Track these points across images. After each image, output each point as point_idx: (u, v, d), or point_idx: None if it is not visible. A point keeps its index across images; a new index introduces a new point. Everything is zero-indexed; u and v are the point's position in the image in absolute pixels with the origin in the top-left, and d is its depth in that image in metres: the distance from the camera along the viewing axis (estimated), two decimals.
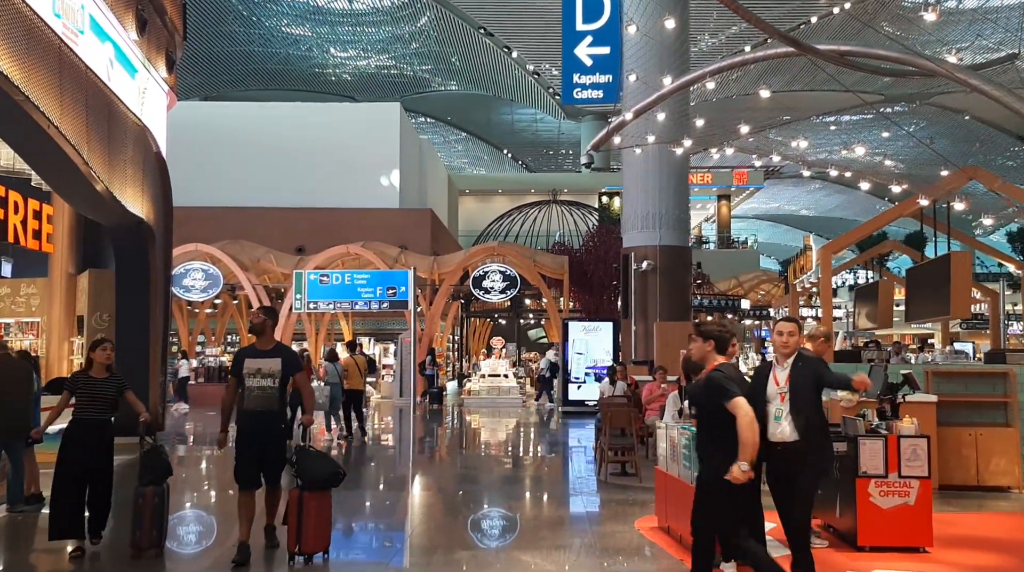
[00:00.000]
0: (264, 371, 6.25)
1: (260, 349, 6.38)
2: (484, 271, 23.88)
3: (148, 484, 6.36)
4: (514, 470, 11.68)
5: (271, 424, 6.30)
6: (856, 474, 6.57)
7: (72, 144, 9.70)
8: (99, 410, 6.64)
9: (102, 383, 6.70)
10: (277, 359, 6.32)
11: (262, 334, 6.42)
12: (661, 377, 11.84)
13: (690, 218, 24.37)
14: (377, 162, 36.46)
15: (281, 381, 6.29)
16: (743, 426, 4.78)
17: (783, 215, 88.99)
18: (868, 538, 6.53)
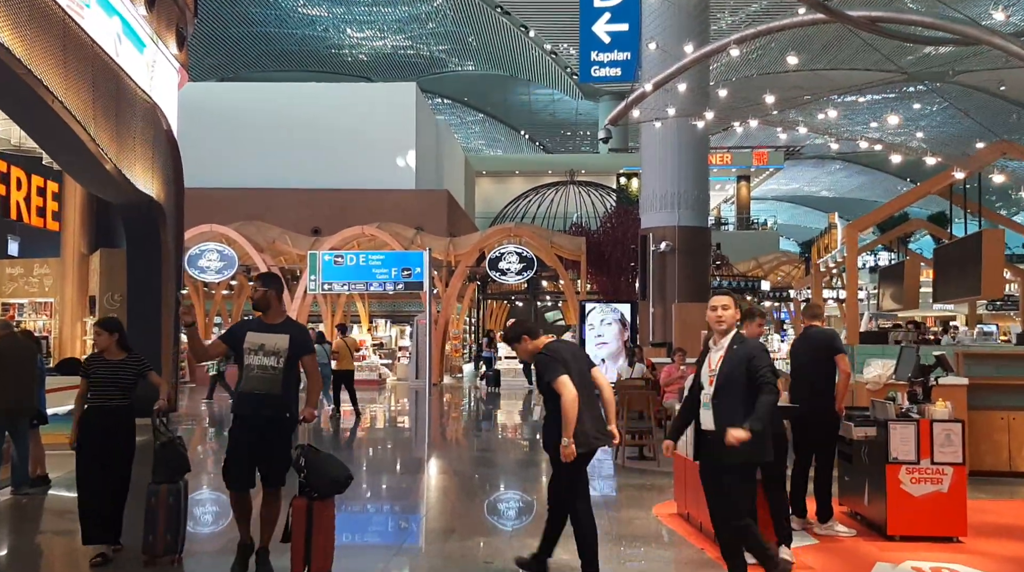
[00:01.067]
0: (268, 348, 5.30)
1: (267, 323, 5.44)
2: (500, 252, 23.62)
3: (162, 482, 5.59)
4: (529, 453, 11.45)
5: (272, 412, 5.31)
6: (886, 460, 6.28)
7: (78, 120, 9.49)
8: (115, 395, 5.88)
9: (118, 365, 5.95)
10: (284, 336, 5.36)
11: (268, 308, 5.44)
12: (680, 359, 11.56)
13: (709, 198, 23.98)
14: (393, 143, 36.20)
15: (288, 362, 5.33)
16: (564, 405, 5.03)
17: (803, 196, 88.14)
18: (898, 527, 6.25)
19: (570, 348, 5.51)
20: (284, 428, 5.39)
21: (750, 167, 50.78)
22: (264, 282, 5.54)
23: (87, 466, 5.80)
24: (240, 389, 5.37)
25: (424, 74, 57.59)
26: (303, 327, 5.66)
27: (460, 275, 24.42)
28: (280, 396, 5.32)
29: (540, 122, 68.14)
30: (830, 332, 7.02)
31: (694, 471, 6.35)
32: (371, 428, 14.70)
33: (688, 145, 21.96)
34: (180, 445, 5.79)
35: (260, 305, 5.47)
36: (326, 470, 5.18)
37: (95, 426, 5.83)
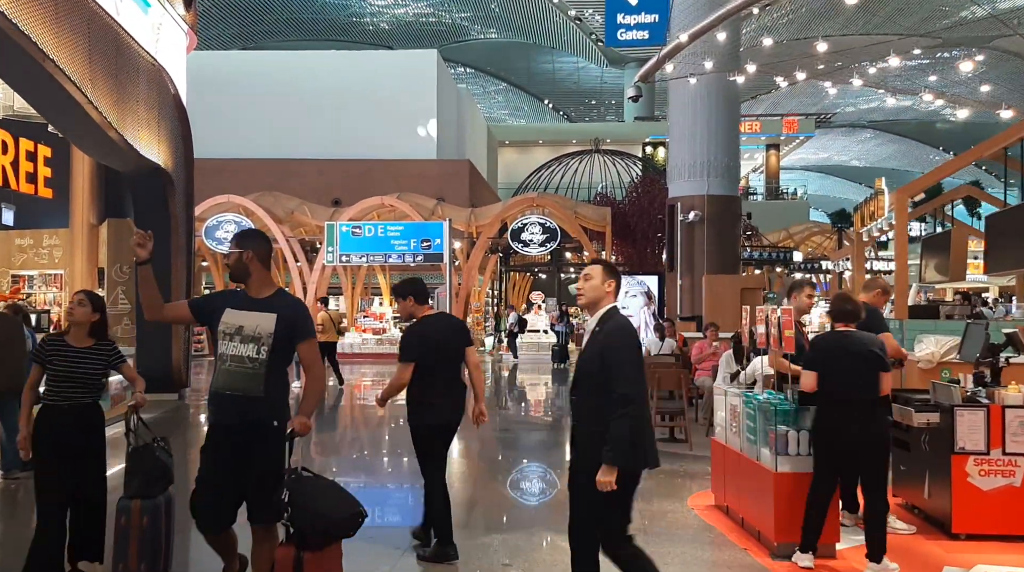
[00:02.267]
0: (248, 332, 3.93)
1: (251, 297, 4.06)
2: (523, 223, 22.96)
3: (135, 496, 4.43)
4: (551, 433, 10.88)
5: (253, 421, 3.94)
6: (951, 450, 5.62)
7: (73, 81, 8.93)
8: (78, 392, 4.60)
9: (84, 355, 4.63)
10: (270, 316, 3.95)
11: (246, 276, 4.05)
12: (712, 334, 10.91)
13: (740, 166, 23.15)
14: (414, 112, 35.51)
15: (275, 351, 3.95)
16: (392, 381, 5.16)
17: (832, 166, 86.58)
18: (965, 524, 5.60)
19: (443, 326, 5.30)
20: (271, 442, 3.95)
21: (780, 135, 49.56)
22: (240, 242, 4.09)
23: (46, 485, 4.51)
24: (212, 389, 4.04)
25: (446, 42, 56.66)
26: (298, 303, 4.21)
27: (481, 246, 23.81)
28: (263, 398, 3.94)
29: (564, 91, 66.99)
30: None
31: (736, 461, 5.75)
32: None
33: (718, 111, 21.26)
34: (161, 450, 4.63)
35: (236, 273, 4.08)
36: (321, 507, 3.80)
37: (53, 431, 4.55)
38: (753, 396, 5.64)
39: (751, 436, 5.59)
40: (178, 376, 13.24)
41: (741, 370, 9.35)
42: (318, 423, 12.00)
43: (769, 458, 5.26)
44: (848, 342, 5.11)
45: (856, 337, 5.12)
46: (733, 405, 6.00)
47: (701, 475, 7.52)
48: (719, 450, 6.26)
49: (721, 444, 6.21)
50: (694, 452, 8.57)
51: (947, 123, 76.54)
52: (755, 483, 5.45)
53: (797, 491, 5.10)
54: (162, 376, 13.03)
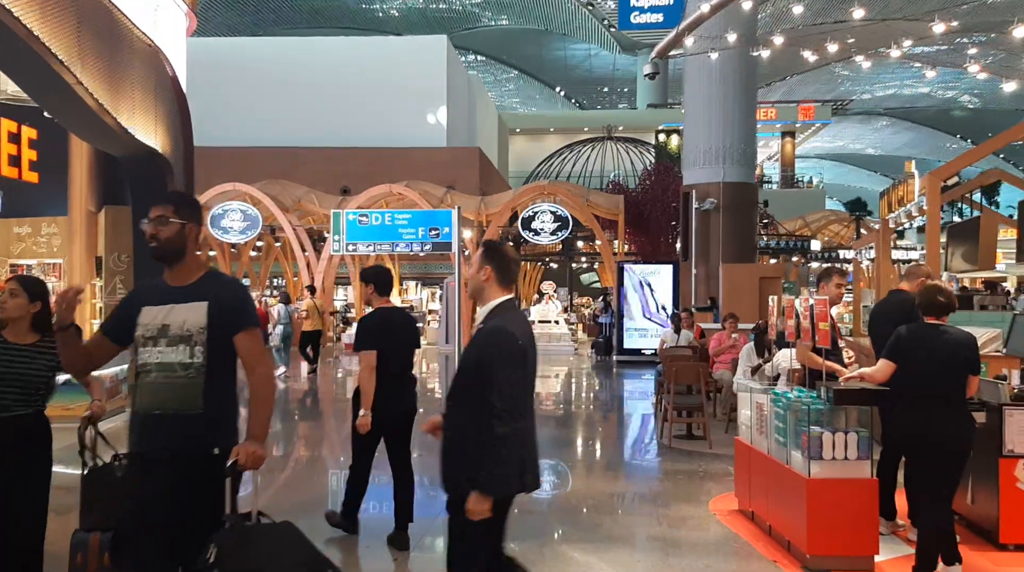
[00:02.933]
0: (175, 330, 3.06)
1: (172, 286, 3.17)
2: (534, 211, 22.46)
3: (93, 529, 3.73)
4: (563, 430, 10.43)
5: (189, 449, 3.01)
6: (999, 453, 5.14)
7: (60, 59, 8.49)
8: (16, 398, 3.79)
9: (27, 354, 3.84)
10: (200, 305, 3.08)
11: (171, 254, 3.14)
12: (732, 325, 10.42)
13: (756, 153, 22.61)
14: (423, 98, 35.02)
15: (213, 351, 3.07)
16: (361, 378, 5.03)
17: (847, 154, 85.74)
18: (1013, 534, 5.12)
19: (398, 320, 5.26)
20: (211, 476, 2.99)
21: (795, 122, 48.77)
22: (179, 209, 3.15)
23: None
24: (133, 411, 3.11)
25: (456, 29, 56.12)
26: (233, 284, 3.30)
27: (491, 235, 23.33)
28: (202, 415, 3.01)
29: (576, 78, 66.34)
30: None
31: (763, 464, 5.29)
32: None
33: (734, 95, 20.83)
34: (123, 469, 3.79)
35: (167, 251, 3.12)
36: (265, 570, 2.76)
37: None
38: (782, 394, 5.17)
39: (780, 437, 5.12)
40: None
41: (763, 363, 8.89)
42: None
43: (801, 462, 4.80)
44: (938, 337, 4.62)
45: (950, 334, 4.63)
46: (759, 403, 5.54)
47: (722, 475, 7.07)
48: (743, 451, 5.80)
49: (746, 445, 5.75)
50: (713, 450, 8.11)
51: (964, 111, 75.51)
52: (785, 489, 4.99)
53: (833, 499, 4.64)
54: None
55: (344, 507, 5.32)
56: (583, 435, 10.17)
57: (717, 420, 9.48)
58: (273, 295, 33.41)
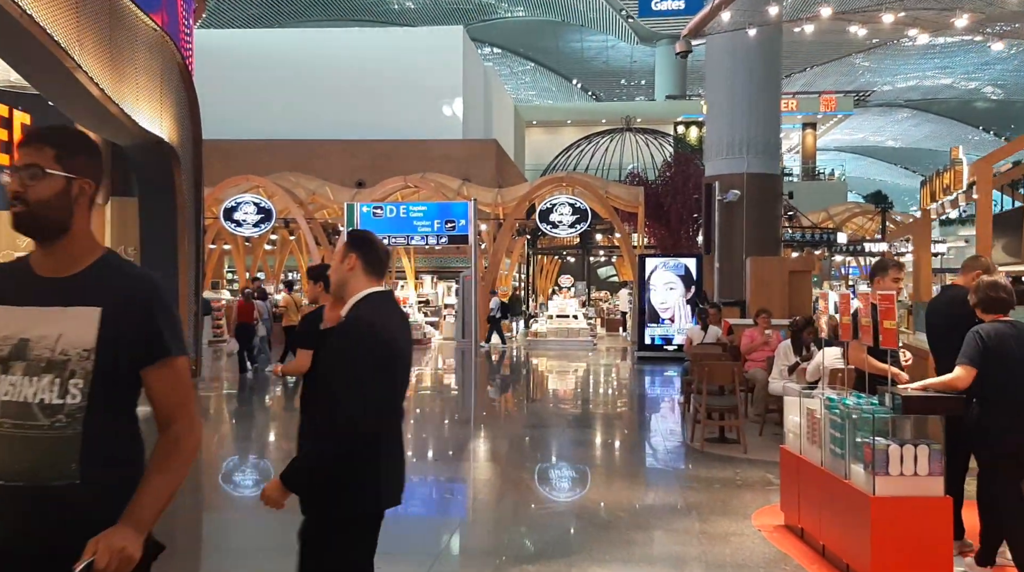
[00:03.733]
0: (38, 352, 1.86)
1: (43, 275, 1.94)
2: (552, 203, 21.94)
3: None
4: (583, 432, 9.93)
5: (56, 546, 1.81)
6: None
7: (56, 41, 8.06)
8: None
9: None
10: (89, 311, 1.87)
11: (52, 233, 1.92)
12: (764, 322, 9.87)
13: (780, 143, 22.00)
14: (439, 90, 34.54)
15: (98, 390, 1.86)
16: (294, 364, 4.93)
17: (867, 147, 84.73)
18: None
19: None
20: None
21: (817, 114, 47.95)
22: (62, 151, 1.90)
23: None
24: None
25: (472, 21, 55.61)
26: (144, 280, 1.96)
27: (508, 228, 22.87)
28: (77, 489, 1.84)
29: (593, 70, 65.66)
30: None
31: (815, 475, 4.78)
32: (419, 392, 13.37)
33: (758, 85, 20.28)
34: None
35: (28, 218, 1.90)
36: None
37: None
38: (841, 400, 4.65)
39: (837, 449, 4.60)
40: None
41: (801, 362, 8.36)
42: None
43: (864, 478, 4.28)
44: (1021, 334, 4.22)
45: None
46: (811, 409, 5.01)
47: (760, 485, 6.56)
48: (791, 462, 5.28)
49: (794, 455, 5.23)
50: (749, 455, 7.58)
51: (987, 102, 74.31)
52: (844, 506, 4.47)
53: (901, 519, 4.12)
54: None
55: None
56: (605, 437, 9.67)
57: (749, 421, 8.95)
58: (278, 289, 33.18)
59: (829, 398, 4.78)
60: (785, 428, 5.56)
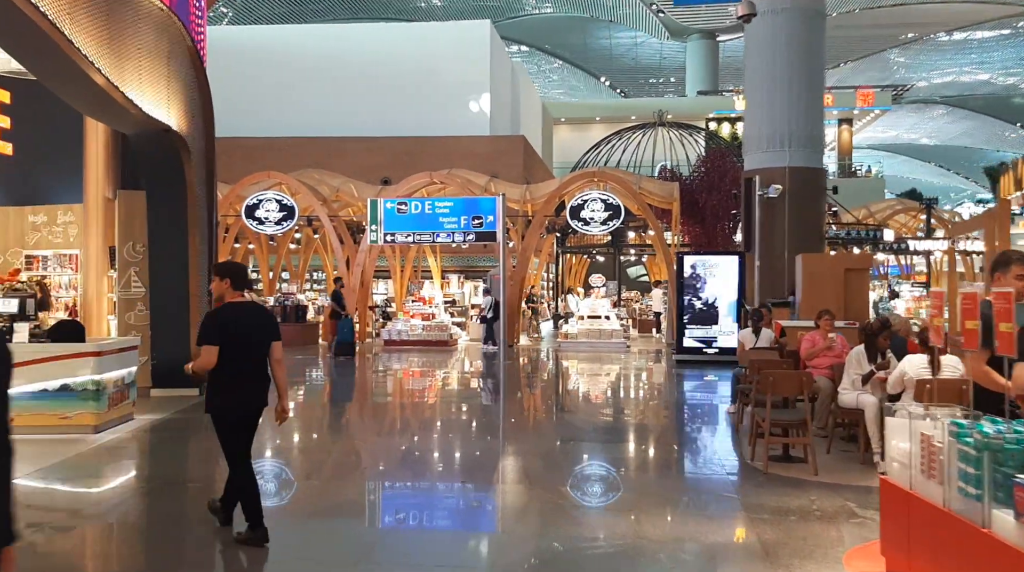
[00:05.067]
0: None
1: None
2: (583, 199, 20.98)
3: None
4: (624, 447, 8.99)
5: None
6: None
7: (41, 11, 7.27)
8: None
9: None
10: None
11: None
12: (828, 324, 8.86)
13: (824, 135, 20.93)
14: (466, 86, 33.71)
15: None
16: (198, 363, 5.07)
17: (900, 145, 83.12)
18: None
19: (249, 315, 5.17)
20: None
21: (853, 109, 46.57)
22: None
23: None
24: None
25: (499, 18, 54.87)
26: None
27: (538, 225, 21.93)
28: None
29: (621, 67, 64.63)
30: None
31: (931, 515, 3.83)
32: (425, 400, 12.51)
33: (800, 76, 19.41)
34: None
35: None
36: None
37: None
38: (975, 426, 3.69)
39: (970, 488, 3.64)
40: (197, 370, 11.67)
41: (877, 371, 7.39)
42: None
43: (1015, 529, 3.32)
44: None
45: None
46: (927, 436, 4.06)
47: (843, 517, 5.60)
48: (898, 498, 4.32)
49: (902, 490, 4.28)
50: (820, 478, 6.63)
51: None
52: (981, 562, 3.52)
53: None
54: (179, 369, 11.50)
55: (251, 518, 5.07)
56: (650, 453, 8.71)
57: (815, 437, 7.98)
58: (314, 289, 32.49)
59: (956, 423, 3.82)
60: (889, 456, 4.60)
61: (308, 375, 15.90)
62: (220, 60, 33.13)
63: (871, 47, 60.31)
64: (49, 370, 8.61)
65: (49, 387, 8.62)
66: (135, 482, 7.20)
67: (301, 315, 22.30)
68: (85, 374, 8.65)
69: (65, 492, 6.68)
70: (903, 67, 70.36)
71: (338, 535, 5.53)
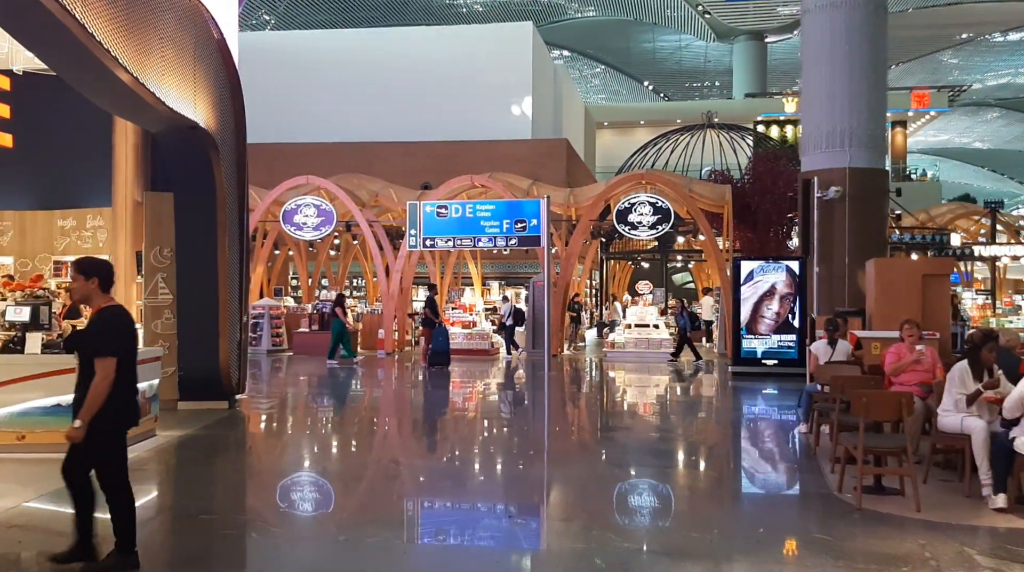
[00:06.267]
0: None
1: None
2: (631, 203, 20.14)
3: None
4: (687, 474, 8.11)
5: None
6: None
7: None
8: None
9: None
10: None
11: None
12: (914, 335, 7.91)
13: (887, 134, 19.84)
14: (508, 89, 33.06)
15: None
16: (98, 386, 4.47)
17: (952, 149, 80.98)
18: None
19: (128, 319, 4.82)
20: None
21: (907, 111, 44.97)
22: None
23: None
24: None
25: (542, 22, 54.30)
26: None
27: (582, 230, 21.12)
28: None
29: (665, 71, 63.59)
30: None
31: None
32: (459, 415, 11.73)
33: (861, 71, 18.37)
34: None
35: None
36: None
37: None
38: None
39: None
40: (227, 380, 11.05)
41: (984, 390, 6.45)
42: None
43: None
44: None
45: None
46: None
47: (964, 566, 4.69)
48: None
49: None
50: (924, 515, 5.71)
51: None
52: None
53: None
54: (208, 380, 10.90)
55: (129, 543, 4.69)
56: (719, 482, 7.80)
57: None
58: (353, 296, 31.98)
59: None
60: None
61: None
62: (262, 66, 32.95)
63: (923, 48, 58.60)
64: (62, 384, 7.98)
65: (63, 402, 7.98)
66: (140, 514, 6.47)
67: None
68: None
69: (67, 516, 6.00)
70: (956, 69, 68.41)
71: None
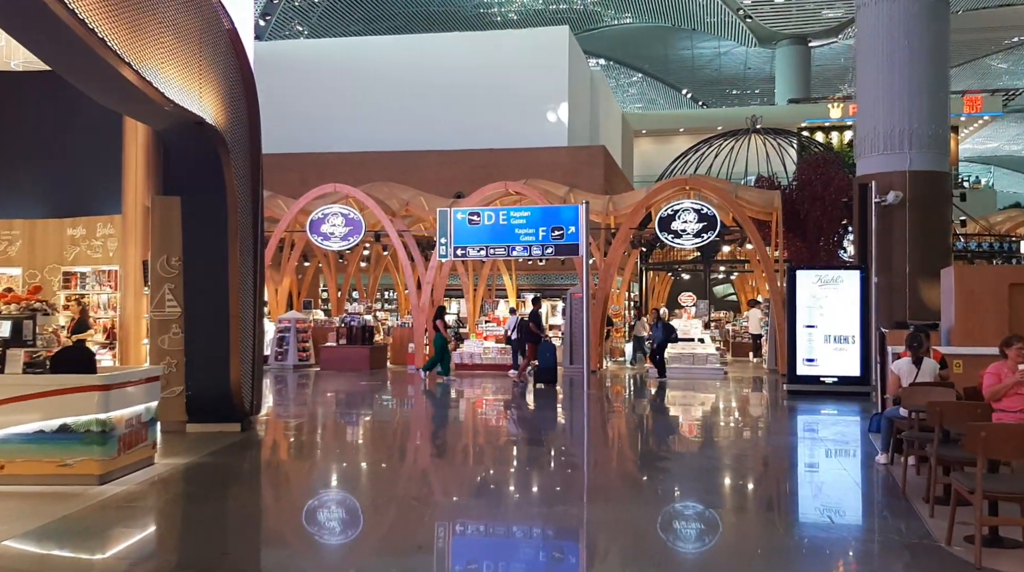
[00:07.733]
0: None
1: None
2: (674, 210, 19.02)
3: None
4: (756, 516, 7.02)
5: None
6: None
7: None
8: None
9: None
10: None
11: None
12: (1017, 354, 6.77)
13: (949, 135, 18.55)
14: (543, 95, 32.15)
15: None
16: None
17: (1001, 157, 78.52)
18: None
19: None
20: None
21: (959, 115, 43.27)
22: None
23: None
24: None
25: (578, 30, 53.43)
26: None
27: (622, 239, 20.04)
28: None
29: (704, 79, 62.33)
30: None
31: None
32: (483, 437, 10.71)
33: (922, 67, 17.28)
34: None
35: None
36: None
37: None
38: None
39: None
40: (240, 400, 10.15)
41: None
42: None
43: None
44: None
45: None
46: None
47: None
48: None
49: None
50: None
51: None
52: None
53: None
54: (218, 400, 10.01)
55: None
56: (793, 530, 6.71)
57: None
58: (385, 309, 31.23)
59: None
60: None
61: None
62: (295, 75, 32.46)
63: (971, 52, 56.68)
64: (46, 407, 7.12)
65: (46, 428, 7.13)
66: (108, 564, 5.39)
67: (369, 337, 20.86)
68: (89, 412, 7.14)
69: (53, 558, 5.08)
70: (1006, 73, 66.24)
71: None
